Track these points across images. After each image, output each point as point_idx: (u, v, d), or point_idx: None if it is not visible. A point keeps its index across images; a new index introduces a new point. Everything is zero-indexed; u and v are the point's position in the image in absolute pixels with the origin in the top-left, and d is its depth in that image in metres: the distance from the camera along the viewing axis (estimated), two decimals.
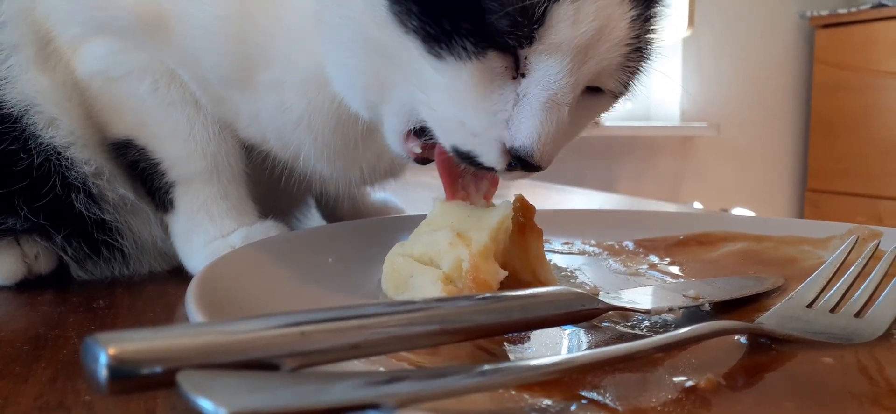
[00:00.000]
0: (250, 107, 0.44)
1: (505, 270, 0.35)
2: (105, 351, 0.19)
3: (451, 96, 0.34)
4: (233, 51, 0.42)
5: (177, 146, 0.45)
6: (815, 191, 2.65)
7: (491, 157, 0.34)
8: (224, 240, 0.46)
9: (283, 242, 0.43)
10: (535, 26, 0.31)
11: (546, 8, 0.31)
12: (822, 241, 0.46)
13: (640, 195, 1.21)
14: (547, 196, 0.95)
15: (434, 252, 0.35)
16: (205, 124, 0.46)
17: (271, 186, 0.51)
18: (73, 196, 0.45)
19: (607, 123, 2.33)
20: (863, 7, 2.45)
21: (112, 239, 0.47)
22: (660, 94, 2.56)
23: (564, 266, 0.45)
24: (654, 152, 2.54)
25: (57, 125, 0.44)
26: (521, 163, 0.34)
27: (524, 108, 0.33)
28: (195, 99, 0.46)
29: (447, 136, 0.35)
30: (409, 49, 0.33)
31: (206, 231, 0.46)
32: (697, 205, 2.37)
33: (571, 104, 0.33)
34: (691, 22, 2.29)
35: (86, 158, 0.45)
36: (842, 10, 2.51)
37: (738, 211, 2.27)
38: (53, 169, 0.44)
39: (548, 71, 0.32)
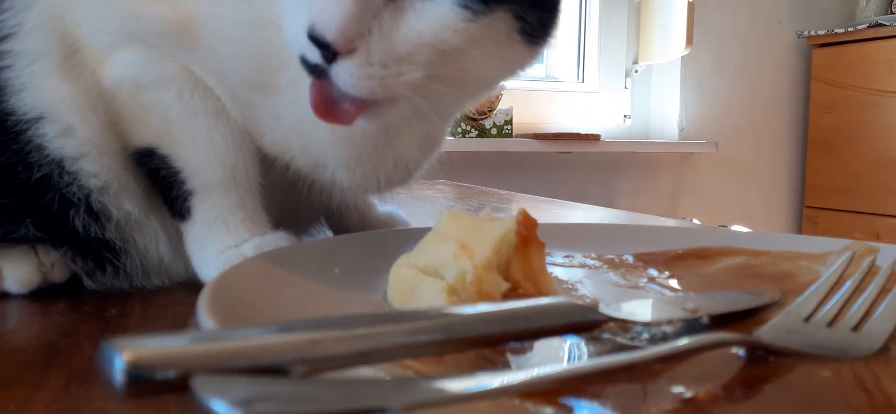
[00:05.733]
0: (272, 108, 0.46)
1: (507, 281, 0.36)
2: (121, 356, 0.20)
3: (287, 4, 0.37)
4: (254, 56, 0.44)
5: (198, 155, 0.46)
6: (813, 208, 2.66)
7: (306, 49, 0.36)
8: (237, 249, 0.46)
9: (293, 253, 0.44)
10: None
11: None
12: (819, 256, 0.47)
13: (639, 211, 1.22)
14: (549, 210, 0.96)
15: (438, 263, 0.36)
16: (224, 135, 0.46)
17: (287, 200, 0.52)
18: (72, 213, 0.45)
19: (607, 139, 2.34)
20: (859, 26, 2.47)
21: (115, 258, 0.47)
22: (658, 111, 2.58)
23: (565, 279, 0.46)
24: (653, 169, 2.55)
25: (72, 134, 0.45)
26: (318, 45, 0.35)
27: None
28: (217, 109, 0.47)
29: (293, 45, 0.38)
30: None
31: (221, 240, 0.47)
32: (696, 221, 2.38)
33: None
34: (689, 40, 2.31)
35: (95, 171, 0.46)
36: (839, 30, 2.53)
37: (737, 228, 2.28)
38: (53, 184, 0.45)
39: None
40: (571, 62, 2.52)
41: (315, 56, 0.37)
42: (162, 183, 0.47)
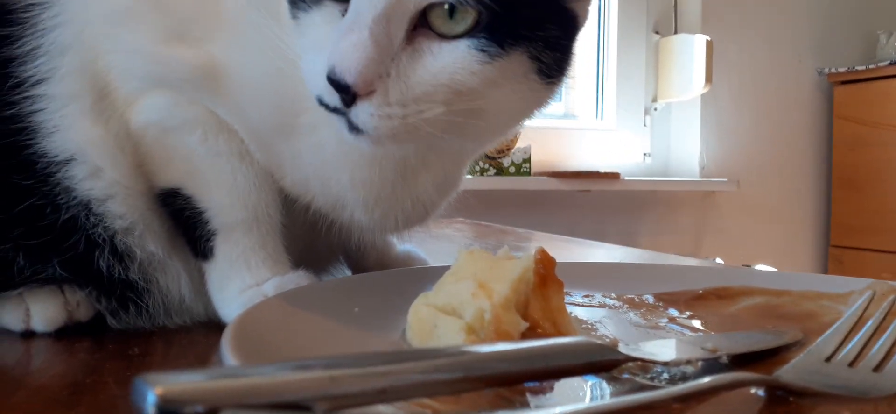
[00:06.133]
0: (293, 150, 0.47)
1: (526, 321, 0.36)
2: (153, 390, 0.21)
3: (304, 47, 0.39)
4: (276, 99, 0.45)
5: (221, 196, 0.47)
6: (839, 247, 2.62)
7: (324, 92, 0.38)
8: (258, 288, 0.47)
9: (313, 292, 0.45)
10: None
11: None
12: (841, 295, 0.46)
13: (660, 250, 1.21)
14: (567, 249, 0.96)
15: (457, 302, 0.36)
16: (247, 176, 0.48)
17: (308, 239, 0.53)
18: (97, 253, 0.47)
19: (626, 178, 2.34)
20: (881, 64, 2.46)
21: (137, 298, 0.48)
22: (678, 149, 2.57)
23: (585, 318, 0.46)
24: (675, 207, 2.54)
25: (100, 176, 0.46)
26: (338, 88, 0.37)
27: (337, 37, 0.37)
28: (240, 151, 0.48)
29: (311, 87, 0.39)
30: (292, 28, 0.40)
31: (243, 279, 0.48)
32: (719, 260, 2.35)
33: (378, 23, 0.36)
34: (708, 78, 2.31)
35: (121, 213, 0.47)
36: (859, 67, 2.52)
37: (761, 267, 2.24)
38: (79, 225, 0.46)
39: (351, 2, 0.37)
40: (590, 100, 2.53)
41: (334, 99, 0.38)
42: (186, 223, 0.48)
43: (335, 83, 0.37)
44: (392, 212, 0.48)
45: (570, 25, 0.42)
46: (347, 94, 0.37)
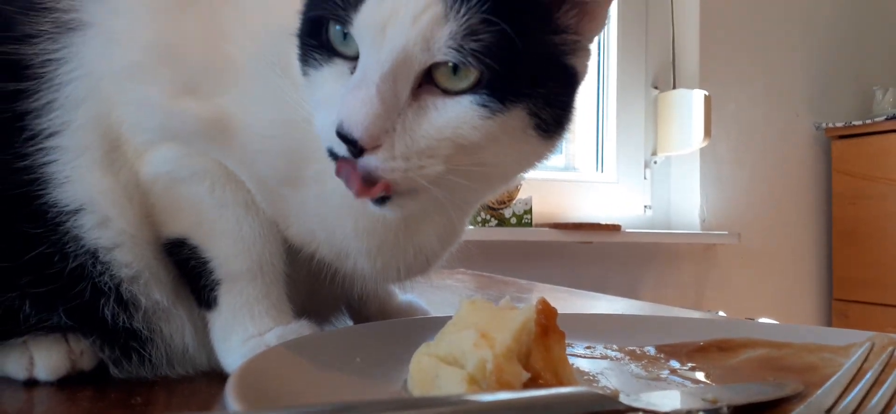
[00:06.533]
0: (299, 200, 0.48)
1: (527, 371, 0.36)
2: None
3: (316, 101, 0.41)
4: (283, 151, 0.47)
5: (227, 245, 0.48)
6: (842, 301, 2.60)
7: (334, 143, 0.39)
8: (260, 338, 0.47)
9: (315, 342, 0.45)
10: (352, 12, 0.38)
11: (358, 4, 0.38)
12: (842, 348, 0.46)
13: (663, 302, 1.21)
14: (569, 301, 0.96)
15: (459, 352, 0.37)
16: (252, 226, 0.49)
17: (311, 290, 0.53)
18: (103, 302, 0.47)
19: (628, 230, 2.34)
20: (877, 119, 2.49)
21: (141, 347, 0.49)
22: (679, 201, 2.58)
23: (587, 370, 0.46)
24: (676, 260, 2.53)
25: (108, 225, 0.47)
26: (344, 141, 0.38)
27: (345, 94, 0.39)
28: (246, 201, 0.49)
29: (323, 139, 0.41)
30: (304, 83, 0.42)
31: (246, 329, 0.48)
32: (722, 313, 2.34)
33: (384, 82, 0.38)
34: (708, 133, 2.34)
35: (127, 261, 0.47)
36: (856, 122, 2.55)
37: (764, 320, 2.23)
38: (86, 274, 0.47)
39: (361, 59, 0.39)
40: (590, 153, 2.56)
41: (343, 151, 0.39)
42: (191, 272, 0.49)
43: (343, 137, 0.38)
44: (394, 261, 0.49)
45: (569, 82, 0.43)
46: (355, 147, 0.38)
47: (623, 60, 2.50)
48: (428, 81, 0.39)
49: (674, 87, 2.52)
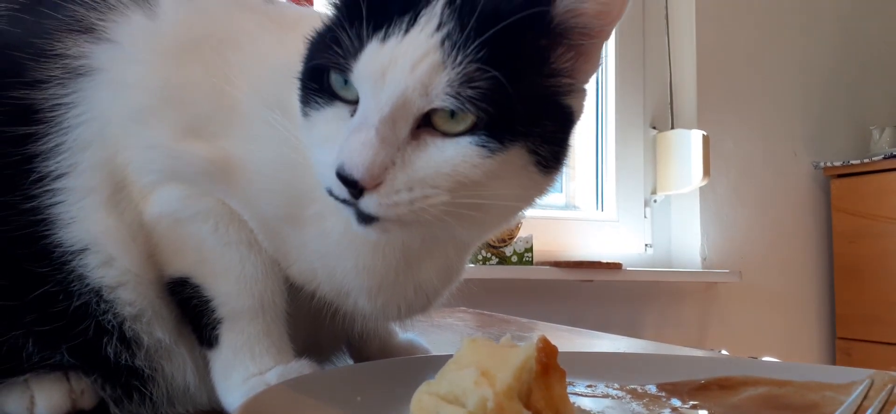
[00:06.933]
0: (300, 239, 0.49)
1: (528, 409, 0.36)
2: None
3: (313, 141, 0.42)
4: (286, 191, 0.48)
5: (229, 284, 0.49)
6: (846, 339, 2.58)
7: (333, 185, 0.40)
8: (261, 377, 0.47)
9: (316, 381, 0.45)
10: (351, 59, 0.39)
11: (361, 48, 0.39)
12: (843, 386, 0.46)
13: (665, 341, 1.20)
14: (570, 339, 0.95)
15: (459, 391, 0.37)
16: (255, 264, 0.49)
17: (311, 329, 0.54)
18: (106, 340, 0.47)
19: (629, 269, 2.34)
20: (875, 158, 2.51)
21: (142, 386, 0.49)
22: (680, 240, 2.58)
23: (588, 408, 0.46)
24: (678, 298, 2.53)
25: (112, 265, 0.47)
26: (345, 182, 0.39)
27: (346, 135, 0.40)
28: (249, 240, 0.49)
29: (321, 180, 0.41)
30: (303, 124, 0.43)
31: (247, 368, 0.48)
32: (724, 352, 2.32)
33: (384, 124, 0.39)
34: (707, 172, 2.35)
35: (131, 300, 0.48)
36: (854, 161, 2.57)
37: (767, 359, 2.21)
38: (90, 313, 0.47)
39: (361, 102, 0.40)
40: (590, 191, 2.57)
41: (343, 192, 0.40)
42: (193, 311, 0.49)
43: (344, 179, 0.39)
44: (395, 299, 0.49)
45: (566, 120, 0.44)
46: (356, 188, 0.39)
47: (621, 101, 2.53)
48: (426, 124, 0.40)
49: (672, 127, 2.55)
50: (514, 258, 2.24)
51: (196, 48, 0.49)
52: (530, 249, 2.26)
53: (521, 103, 0.40)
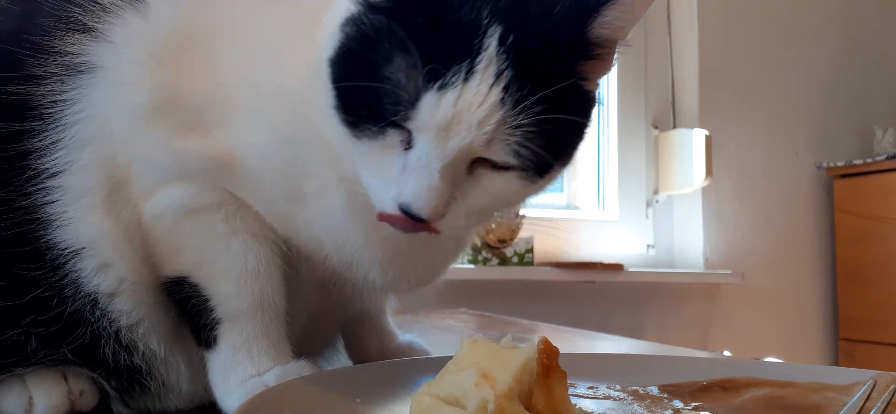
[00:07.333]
0: (305, 217, 0.49)
1: (529, 411, 0.36)
2: None
3: (368, 167, 0.43)
4: (282, 168, 0.48)
5: (228, 283, 0.49)
6: (849, 340, 2.58)
7: (389, 210, 0.42)
8: (259, 378, 0.47)
9: (315, 382, 0.45)
10: (409, 108, 0.40)
11: (417, 96, 0.39)
12: (846, 387, 0.46)
13: (668, 342, 1.20)
14: (572, 341, 0.95)
15: (460, 392, 0.36)
16: (258, 256, 0.49)
17: (310, 312, 0.54)
18: (103, 343, 0.47)
19: (631, 269, 2.34)
20: (878, 158, 2.50)
21: (143, 379, 0.50)
22: (682, 241, 2.58)
23: (589, 410, 0.46)
24: (680, 299, 2.52)
25: (108, 270, 0.47)
26: (409, 215, 0.41)
27: (406, 173, 0.41)
28: (254, 230, 0.50)
29: (377, 205, 0.43)
30: (349, 140, 0.43)
31: (245, 369, 0.48)
32: (727, 353, 2.32)
33: (446, 170, 0.41)
34: (709, 172, 2.35)
35: (126, 309, 0.48)
36: (857, 161, 2.56)
37: (770, 360, 2.21)
38: (85, 319, 0.47)
39: (421, 145, 0.40)
40: (592, 192, 2.56)
41: (394, 217, 0.42)
42: (191, 311, 0.49)
43: (409, 215, 0.41)
44: (405, 272, 0.51)
45: (582, 134, 0.47)
46: (419, 220, 0.41)
47: (623, 100, 2.52)
48: (477, 159, 0.42)
49: (674, 127, 2.54)
50: (515, 259, 2.24)
51: (188, 44, 0.49)
52: (531, 250, 2.25)
53: (563, 143, 0.44)
